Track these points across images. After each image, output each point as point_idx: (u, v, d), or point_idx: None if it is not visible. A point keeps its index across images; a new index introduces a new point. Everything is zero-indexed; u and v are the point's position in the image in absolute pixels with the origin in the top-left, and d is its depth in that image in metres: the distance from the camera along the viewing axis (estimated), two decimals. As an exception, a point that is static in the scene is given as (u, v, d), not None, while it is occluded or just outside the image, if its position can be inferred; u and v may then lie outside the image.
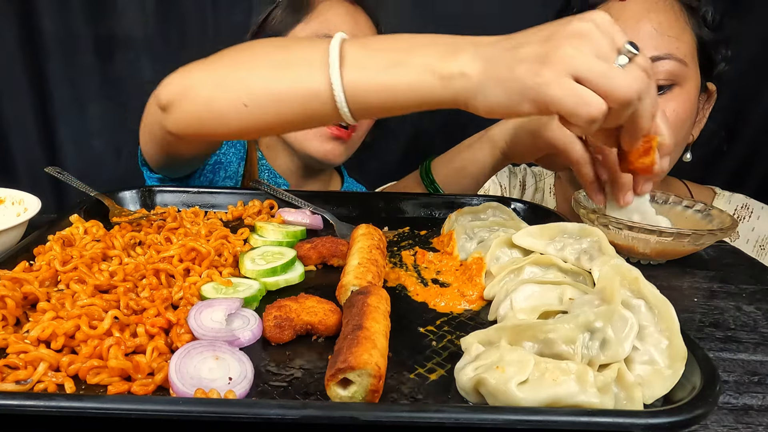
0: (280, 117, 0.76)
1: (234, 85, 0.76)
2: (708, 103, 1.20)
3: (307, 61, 0.72)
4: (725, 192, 1.31)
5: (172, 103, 0.81)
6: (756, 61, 1.68)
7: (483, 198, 1.03)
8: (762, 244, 1.21)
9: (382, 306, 0.59)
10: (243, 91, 0.75)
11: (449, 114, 1.92)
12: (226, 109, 0.77)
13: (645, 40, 1.07)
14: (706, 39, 1.11)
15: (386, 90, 0.70)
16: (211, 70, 0.80)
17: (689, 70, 1.09)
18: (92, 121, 1.85)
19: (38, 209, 0.83)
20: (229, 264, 0.76)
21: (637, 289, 0.58)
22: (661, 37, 1.07)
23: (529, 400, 0.47)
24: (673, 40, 1.07)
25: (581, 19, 0.62)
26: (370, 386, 0.48)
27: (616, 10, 1.12)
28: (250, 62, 0.78)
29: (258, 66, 0.76)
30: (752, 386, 0.57)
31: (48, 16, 1.72)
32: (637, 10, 1.10)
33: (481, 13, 1.77)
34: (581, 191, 0.95)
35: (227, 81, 0.77)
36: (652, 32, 1.07)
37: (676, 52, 1.07)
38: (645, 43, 1.07)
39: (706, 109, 1.20)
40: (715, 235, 0.81)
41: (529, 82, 0.61)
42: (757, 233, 1.23)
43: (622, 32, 0.63)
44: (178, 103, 0.81)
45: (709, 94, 1.19)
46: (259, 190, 1.04)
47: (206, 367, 0.53)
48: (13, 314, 0.59)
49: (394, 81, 0.69)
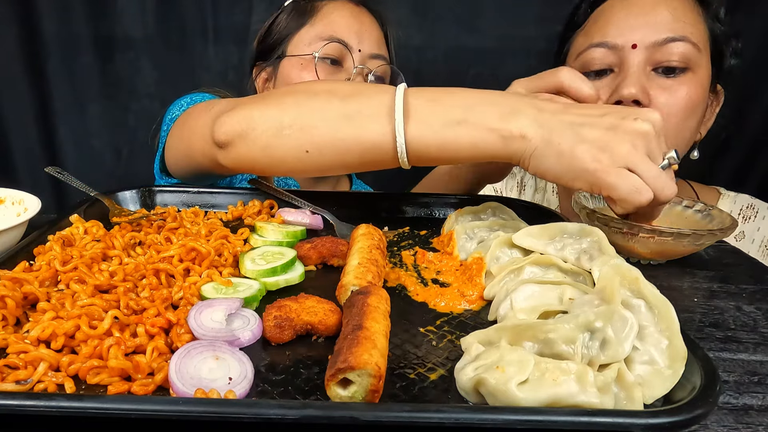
0: (340, 163, 0.79)
1: (297, 135, 0.78)
2: (716, 103, 1.20)
3: (374, 114, 0.75)
4: (730, 192, 1.31)
5: (230, 143, 0.82)
6: (757, 60, 1.68)
7: (483, 198, 1.03)
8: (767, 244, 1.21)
9: (382, 306, 0.59)
10: (306, 140, 0.77)
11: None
12: (286, 155, 0.79)
13: (661, 23, 1.09)
14: (718, 32, 1.12)
15: (448, 145, 0.75)
16: (273, 117, 0.79)
17: (702, 58, 1.10)
18: (92, 121, 1.85)
19: (38, 209, 0.83)
20: (229, 264, 0.76)
21: (637, 289, 0.58)
22: (676, 22, 1.09)
23: (529, 400, 0.47)
24: (688, 26, 1.09)
25: (644, 120, 0.70)
26: (370, 386, 0.48)
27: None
28: (315, 112, 0.78)
29: (323, 118, 0.77)
30: (752, 386, 0.57)
31: (48, 16, 1.72)
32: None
33: (480, 12, 1.77)
34: (581, 191, 0.95)
35: (290, 130, 0.78)
36: (668, 17, 1.09)
37: (691, 36, 1.08)
38: (661, 26, 1.09)
39: (713, 110, 1.20)
40: (715, 235, 0.81)
41: (590, 165, 0.69)
42: (762, 233, 1.22)
43: (665, 139, 0.73)
44: (235, 143, 0.82)
45: (717, 95, 1.19)
46: (259, 190, 1.04)
47: (206, 367, 0.53)
48: (13, 314, 0.59)
49: (456, 138, 0.74)
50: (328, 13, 1.33)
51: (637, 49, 1.10)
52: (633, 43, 1.10)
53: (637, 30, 1.10)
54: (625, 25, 1.12)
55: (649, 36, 1.09)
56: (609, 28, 1.14)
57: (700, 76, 1.10)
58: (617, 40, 1.12)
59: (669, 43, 1.08)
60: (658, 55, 1.09)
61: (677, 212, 0.94)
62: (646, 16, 1.11)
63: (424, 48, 1.81)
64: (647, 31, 1.09)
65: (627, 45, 1.10)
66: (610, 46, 1.12)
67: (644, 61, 1.10)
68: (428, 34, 1.80)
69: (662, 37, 1.08)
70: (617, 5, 1.16)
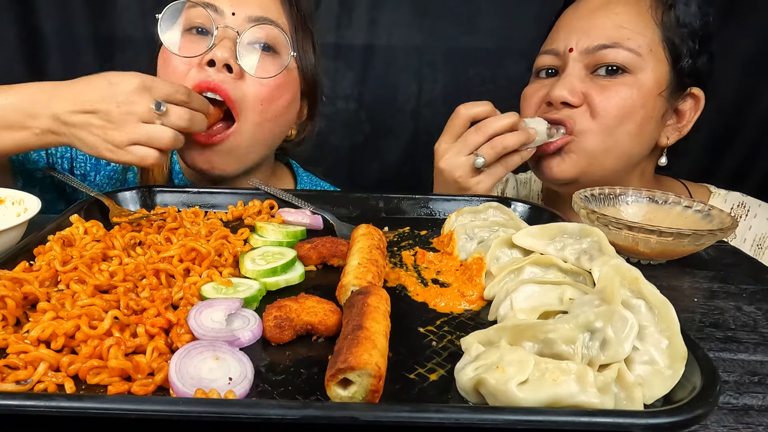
0: None
1: None
2: (694, 109, 1.18)
3: None
4: (721, 190, 1.29)
5: None
6: (756, 60, 1.68)
7: (483, 198, 1.03)
8: (759, 243, 1.20)
9: (382, 306, 0.59)
10: None
11: (449, 113, 1.92)
12: None
13: (598, 29, 1.13)
14: (674, 36, 1.12)
15: None
16: None
17: (644, 62, 1.11)
18: (92, 121, 1.85)
19: (38, 209, 0.83)
20: (229, 264, 0.76)
21: (637, 289, 0.58)
22: (613, 28, 1.12)
23: (529, 400, 0.47)
24: (627, 32, 1.11)
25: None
26: (370, 386, 0.48)
27: (583, 2, 1.19)
28: None
29: None
30: (752, 386, 0.57)
31: (48, 16, 1.72)
32: (599, 2, 1.16)
33: (480, 12, 1.77)
34: (581, 191, 0.95)
35: None
36: (605, 22, 1.13)
37: (627, 42, 1.10)
38: (597, 33, 1.12)
39: (691, 115, 1.19)
40: (715, 235, 0.81)
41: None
42: (754, 232, 1.21)
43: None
44: None
45: (696, 99, 1.18)
46: (259, 190, 1.04)
47: (206, 367, 0.53)
48: (13, 314, 0.59)
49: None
50: None
51: (573, 53, 1.14)
52: (570, 47, 1.15)
53: (575, 35, 1.15)
54: (568, 30, 1.17)
55: (584, 41, 1.13)
56: (557, 35, 1.20)
57: (642, 79, 1.11)
58: (559, 46, 1.17)
59: (601, 50, 1.11)
60: (593, 59, 1.12)
61: (677, 212, 0.94)
62: (586, 21, 1.15)
63: (424, 48, 1.81)
64: (583, 37, 1.13)
65: (566, 49, 1.15)
66: (554, 52, 1.19)
67: (582, 64, 1.14)
68: (428, 34, 1.80)
69: (595, 43, 1.12)
70: (568, 13, 1.22)
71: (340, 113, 1.89)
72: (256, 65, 1.08)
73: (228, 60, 1.04)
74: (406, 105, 1.88)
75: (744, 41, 1.67)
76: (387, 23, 1.79)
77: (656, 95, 1.12)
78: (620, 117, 1.11)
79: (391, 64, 1.83)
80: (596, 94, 1.12)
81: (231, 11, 1.06)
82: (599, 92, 1.12)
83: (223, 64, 1.05)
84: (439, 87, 1.86)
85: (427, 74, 1.84)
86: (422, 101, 1.87)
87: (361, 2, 1.76)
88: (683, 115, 1.19)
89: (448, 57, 1.82)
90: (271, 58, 1.12)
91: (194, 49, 1.07)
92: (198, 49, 1.06)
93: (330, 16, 1.78)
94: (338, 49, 1.81)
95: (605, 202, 0.98)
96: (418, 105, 1.88)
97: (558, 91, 1.13)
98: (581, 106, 1.13)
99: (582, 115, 1.13)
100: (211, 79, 1.05)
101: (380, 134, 1.92)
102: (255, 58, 1.09)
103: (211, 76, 1.05)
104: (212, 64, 1.05)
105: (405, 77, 1.85)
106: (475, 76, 1.84)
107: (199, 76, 1.05)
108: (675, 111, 1.19)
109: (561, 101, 1.13)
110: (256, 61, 1.08)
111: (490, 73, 1.83)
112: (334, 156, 1.95)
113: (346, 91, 1.87)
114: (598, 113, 1.12)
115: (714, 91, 1.19)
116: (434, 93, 1.87)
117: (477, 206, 0.94)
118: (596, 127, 1.13)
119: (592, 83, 1.13)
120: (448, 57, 1.82)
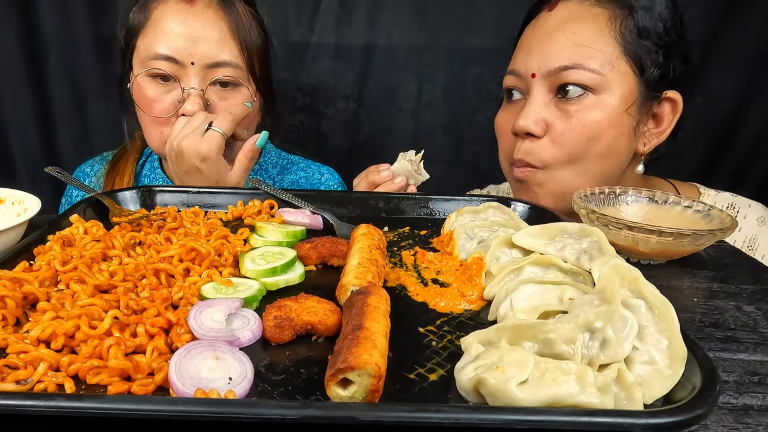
0: None
1: None
2: (672, 112, 1.14)
3: None
4: (710, 191, 1.27)
5: None
6: (756, 60, 1.68)
7: (483, 198, 1.03)
8: (750, 244, 1.18)
9: (382, 306, 0.59)
10: None
11: (449, 113, 1.92)
12: None
13: (556, 50, 1.09)
14: (637, 48, 1.08)
15: None
16: None
17: (607, 80, 1.07)
18: (92, 121, 1.85)
19: (38, 209, 0.83)
20: (229, 264, 0.76)
21: (637, 289, 0.58)
22: (573, 48, 1.08)
23: (529, 400, 0.47)
24: (587, 50, 1.07)
25: None
26: (370, 386, 0.48)
27: (542, 21, 1.15)
28: None
29: None
30: (752, 386, 0.57)
31: (48, 16, 1.72)
32: (556, 21, 1.12)
33: (480, 12, 1.77)
34: (580, 191, 0.95)
35: None
36: (564, 42, 1.09)
37: (589, 62, 1.07)
38: (556, 54, 1.09)
39: (669, 119, 1.14)
40: (715, 235, 0.81)
41: None
42: (744, 233, 1.19)
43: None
44: None
45: (672, 102, 1.13)
46: (259, 190, 1.04)
47: (206, 367, 0.53)
48: (13, 314, 0.59)
49: None
50: (156, 20, 1.21)
51: (536, 78, 1.12)
52: (532, 72, 1.12)
53: (536, 57, 1.12)
54: (527, 51, 1.15)
55: (545, 63, 1.10)
56: (518, 55, 1.18)
57: (606, 100, 1.08)
58: (521, 68, 1.15)
59: (562, 72, 1.08)
60: (556, 82, 1.10)
61: (677, 212, 0.94)
62: (544, 42, 1.12)
63: (424, 48, 1.81)
64: (544, 59, 1.11)
65: (528, 74, 1.13)
66: (517, 74, 1.17)
67: (545, 89, 1.12)
68: (428, 34, 1.80)
69: (555, 65, 1.09)
70: (529, 30, 1.19)
71: (340, 113, 1.89)
72: (223, 119, 1.19)
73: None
74: (406, 105, 1.88)
75: (744, 41, 1.67)
76: (387, 23, 1.79)
77: (623, 112, 1.09)
78: (586, 142, 1.09)
79: (391, 64, 1.83)
80: (560, 122, 1.10)
81: (190, 61, 1.20)
82: (564, 120, 1.09)
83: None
84: (439, 87, 1.86)
85: (427, 74, 1.84)
86: (422, 101, 1.87)
87: (361, 2, 1.76)
88: (661, 120, 1.15)
89: (448, 57, 1.82)
90: (234, 93, 1.27)
91: (168, 98, 1.23)
92: (171, 98, 1.23)
93: (330, 16, 1.78)
94: (338, 49, 1.81)
95: (605, 202, 0.98)
96: (418, 105, 1.88)
97: (522, 121, 1.11)
98: (544, 137, 1.11)
99: (545, 147, 1.12)
100: None
101: (380, 134, 1.92)
102: (223, 106, 1.24)
103: None
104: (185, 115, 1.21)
105: (405, 77, 1.85)
106: (475, 76, 1.84)
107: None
108: (652, 116, 1.15)
109: (524, 132, 1.12)
110: (225, 117, 1.19)
111: (490, 73, 1.83)
112: (334, 156, 1.95)
113: (346, 91, 1.86)
114: (563, 143, 1.10)
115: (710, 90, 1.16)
116: (434, 93, 1.87)
117: (477, 206, 0.94)
118: (563, 157, 1.11)
119: (556, 110, 1.10)
120: (448, 57, 1.82)
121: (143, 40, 1.23)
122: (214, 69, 1.22)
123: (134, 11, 1.25)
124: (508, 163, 1.22)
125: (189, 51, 1.19)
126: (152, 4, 1.24)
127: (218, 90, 1.25)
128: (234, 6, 1.26)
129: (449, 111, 1.87)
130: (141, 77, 1.23)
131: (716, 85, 1.67)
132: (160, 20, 1.21)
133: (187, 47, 1.19)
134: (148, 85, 1.23)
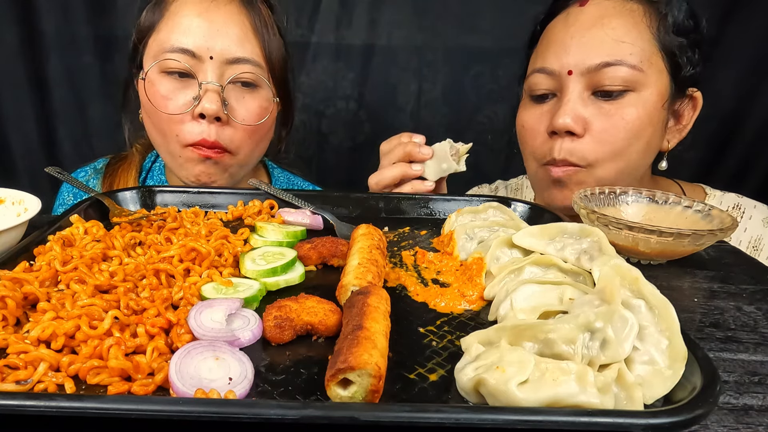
0: None
1: None
2: (692, 109, 1.16)
3: None
4: (716, 192, 1.27)
5: None
6: (756, 60, 1.68)
7: (483, 198, 1.03)
8: (755, 245, 1.19)
9: (382, 306, 0.59)
10: None
11: (449, 113, 1.92)
12: None
13: (595, 46, 1.07)
14: (671, 45, 1.08)
15: None
16: None
17: (646, 77, 1.07)
18: (92, 120, 1.85)
19: (38, 209, 0.83)
20: (229, 264, 0.76)
21: (637, 289, 0.58)
22: (613, 44, 1.06)
23: (529, 400, 0.47)
24: (627, 46, 1.06)
25: None
26: (370, 386, 0.48)
27: (573, 16, 1.13)
28: None
29: None
30: (752, 386, 0.57)
31: (48, 16, 1.72)
32: (592, 16, 1.10)
33: (480, 12, 1.77)
34: (580, 191, 0.95)
35: None
36: (603, 38, 1.07)
37: (629, 58, 1.06)
38: (596, 50, 1.07)
39: (689, 116, 1.16)
40: (715, 235, 0.81)
41: None
42: (749, 234, 1.20)
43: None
44: None
45: (694, 100, 1.15)
46: (259, 190, 1.04)
47: (206, 367, 0.53)
48: (13, 314, 0.59)
49: None
50: (174, 13, 1.14)
51: (573, 75, 1.09)
52: (569, 70, 1.09)
53: (572, 54, 1.09)
54: (562, 48, 1.11)
55: (584, 60, 1.07)
56: (548, 52, 1.14)
57: (645, 96, 1.07)
58: (554, 65, 1.12)
59: (604, 68, 1.06)
60: (595, 79, 1.07)
61: (677, 212, 0.94)
62: (582, 38, 1.09)
63: (424, 48, 1.81)
64: (582, 55, 1.08)
65: (563, 71, 1.10)
66: (549, 71, 1.13)
67: (582, 87, 1.09)
68: (428, 34, 1.80)
69: (596, 62, 1.06)
70: (559, 25, 1.15)
71: (340, 113, 1.89)
72: (242, 115, 1.16)
73: (218, 113, 1.12)
74: (406, 105, 1.89)
75: (744, 41, 1.67)
76: (387, 23, 1.79)
77: (660, 108, 1.09)
78: (629, 139, 1.08)
79: (391, 64, 1.83)
80: (601, 120, 1.08)
81: (209, 55, 1.12)
82: (604, 118, 1.08)
83: (213, 116, 1.13)
84: (439, 87, 1.86)
85: (427, 74, 1.84)
86: (422, 101, 1.88)
87: (361, 2, 1.76)
88: (682, 117, 1.17)
89: (448, 57, 1.82)
90: (253, 94, 1.19)
91: (183, 96, 1.14)
92: (186, 95, 1.14)
93: (330, 16, 1.78)
94: (338, 49, 1.81)
95: (605, 202, 0.98)
96: (418, 105, 1.88)
97: (561, 118, 1.08)
98: (585, 136, 1.09)
99: (589, 145, 1.09)
100: (207, 135, 1.14)
101: (380, 134, 1.92)
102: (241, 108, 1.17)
103: (206, 131, 1.14)
104: (202, 116, 1.13)
105: (405, 77, 1.85)
106: (475, 76, 1.84)
107: (196, 130, 1.14)
108: (673, 113, 1.16)
109: (565, 130, 1.09)
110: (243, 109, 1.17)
111: (490, 73, 1.83)
112: (334, 156, 1.95)
113: (346, 91, 1.87)
114: (606, 140, 1.08)
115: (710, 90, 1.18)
116: (434, 93, 1.87)
117: (477, 206, 0.94)
118: (607, 156, 1.09)
119: (595, 108, 1.09)
120: (448, 57, 1.82)
121: (157, 36, 1.15)
122: (234, 65, 1.14)
123: (147, 10, 1.18)
124: (539, 164, 1.19)
125: (208, 44, 1.11)
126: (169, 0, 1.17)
127: (237, 89, 1.17)
128: (256, 4, 1.20)
129: (449, 111, 1.88)
130: (153, 73, 1.14)
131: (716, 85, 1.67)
132: (178, 13, 1.14)
133: (206, 40, 1.11)
134: (161, 81, 1.14)
